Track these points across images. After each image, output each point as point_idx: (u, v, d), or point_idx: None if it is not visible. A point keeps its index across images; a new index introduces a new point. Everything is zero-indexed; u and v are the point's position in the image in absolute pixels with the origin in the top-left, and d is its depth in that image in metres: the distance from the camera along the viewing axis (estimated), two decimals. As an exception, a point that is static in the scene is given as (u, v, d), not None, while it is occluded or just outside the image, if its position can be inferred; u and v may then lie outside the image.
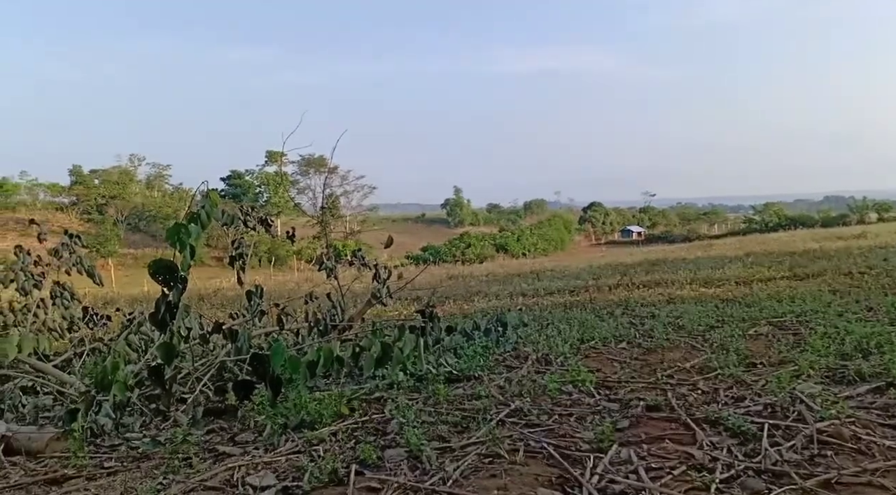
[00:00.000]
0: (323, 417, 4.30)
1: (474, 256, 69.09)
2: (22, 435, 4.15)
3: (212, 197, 5.33)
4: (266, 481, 3.31)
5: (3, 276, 6.70)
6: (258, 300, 7.13)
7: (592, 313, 9.11)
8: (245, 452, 3.87)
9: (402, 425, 4.07)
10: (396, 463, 3.47)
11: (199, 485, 3.30)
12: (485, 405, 4.43)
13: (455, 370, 5.64)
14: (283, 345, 5.02)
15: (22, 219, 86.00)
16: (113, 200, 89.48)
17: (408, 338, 5.50)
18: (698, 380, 5.02)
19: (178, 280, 4.77)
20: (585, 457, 3.42)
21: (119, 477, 3.56)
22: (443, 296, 15.20)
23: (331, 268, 8.41)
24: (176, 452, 3.83)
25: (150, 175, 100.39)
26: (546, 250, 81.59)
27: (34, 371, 5.67)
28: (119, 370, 4.45)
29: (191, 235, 4.90)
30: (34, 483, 3.57)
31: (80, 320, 7.10)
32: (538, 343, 6.75)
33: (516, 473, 3.25)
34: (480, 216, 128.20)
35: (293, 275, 40.63)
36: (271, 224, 7.64)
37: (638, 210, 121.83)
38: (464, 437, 3.84)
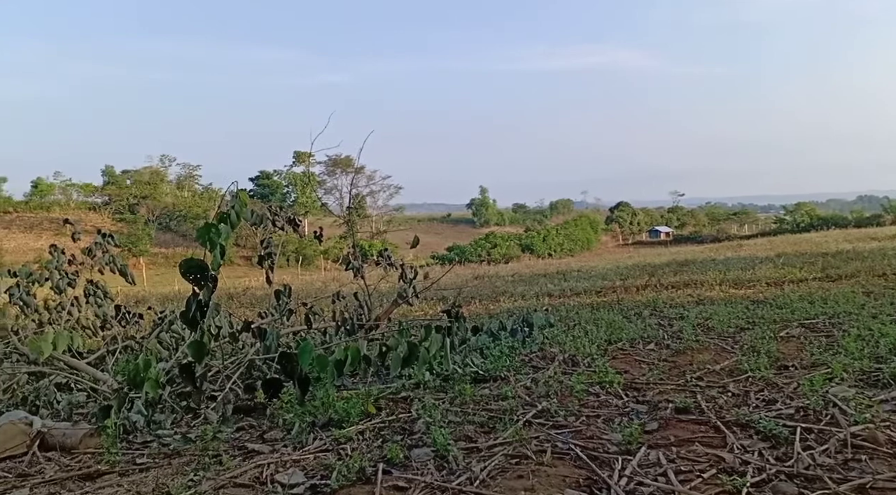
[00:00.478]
0: (350, 416, 4.32)
1: (500, 256, 68.95)
2: (57, 431, 4.24)
3: (241, 197, 5.39)
4: (294, 479, 3.34)
5: (38, 275, 6.84)
6: (286, 299, 7.19)
7: (620, 314, 9.04)
8: (274, 450, 3.91)
9: (428, 425, 4.08)
10: (423, 462, 3.48)
11: (229, 482, 3.34)
12: (511, 405, 4.42)
13: (481, 370, 5.64)
14: (310, 344, 5.06)
15: (56, 219, 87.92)
16: (144, 200, 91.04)
17: (434, 338, 5.50)
18: (728, 383, 4.95)
19: (209, 279, 4.84)
20: (613, 459, 3.39)
21: (151, 473, 3.62)
22: (468, 297, 15.20)
23: (358, 268, 8.46)
24: (206, 449, 3.89)
25: (180, 175, 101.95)
26: (572, 250, 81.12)
27: (68, 368, 5.79)
28: (151, 368, 4.52)
29: (221, 235, 4.96)
30: (69, 478, 3.65)
31: (113, 318, 7.23)
32: (565, 343, 6.72)
33: (543, 474, 3.23)
34: (506, 216, 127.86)
35: (320, 275, 40.94)
36: (299, 224, 7.71)
37: (666, 210, 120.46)
38: (490, 438, 3.84)
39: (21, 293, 6.56)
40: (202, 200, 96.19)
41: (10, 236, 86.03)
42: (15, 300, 6.51)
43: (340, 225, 69.24)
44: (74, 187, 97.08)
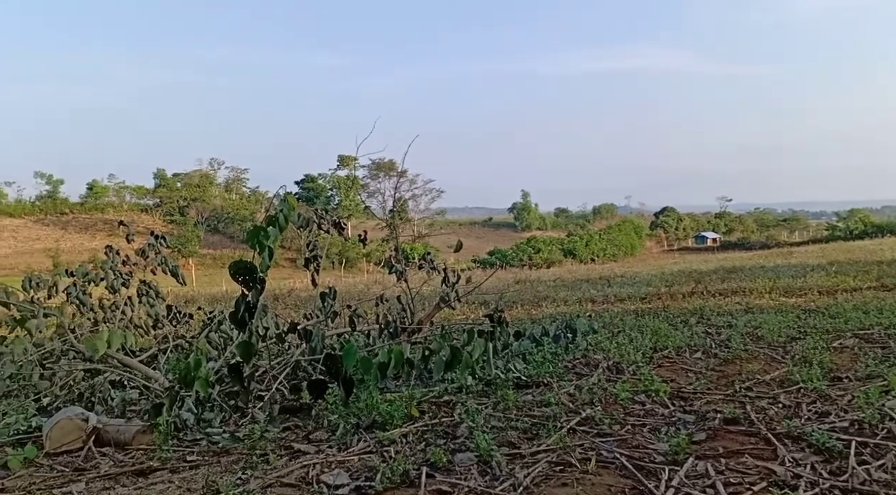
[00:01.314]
0: (393, 418, 4.35)
1: (541, 261, 68.56)
2: (111, 427, 4.37)
3: (289, 200, 5.49)
4: (339, 480, 3.38)
5: (94, 275, 7.08)
6: (331, 301, 7.28)
7: (665, 321, 8.90)
8: (319, 450, 3.96)
9: (471, 429, 4.08)
10: (466, 467, 3.49)
11: (276, 482, 3.40)
12: (554, 412, 4.39)
13: (524, 376, 5.62)
14: (355, 346, 5.12)
15: (110, 220, 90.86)
16: (194, 202, 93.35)
17: (477, 343, 5.50)
18: (779, 394, 4.83)
19: (257, 281, 4.94)
20: (660, 469, 3.34)
21: (201, 470, 3.71)
22: (510, 301, 15.16)
23: (400, 271, 8.51)
24: (254, 448, 3.96)
25: (228, 178, 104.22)
26: (615, 255, 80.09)
27: (122, 366, 5.97)
28: (201, 367, 4.63)
29: (269, 238, 5.06)
30: (122, 473, 3.76)
31: (165, 318, 7.43)
32: (609, 350, 6.64)
33: (588, 483, 3.21)
34: (548, 220, 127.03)
35: (363, 278, 41.32)
36: (344, 227, 7.81)
37: (713, 215, 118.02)
38: (534, 444, 3.83)
39: (78, 292, 6.79)
40: (249, 203, 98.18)
41: (66, 236, 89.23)
42: (72, 299, 6.74)
43: (383, 228, 69.78)
44: (127, 189, 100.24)
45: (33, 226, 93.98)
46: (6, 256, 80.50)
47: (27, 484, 3.65)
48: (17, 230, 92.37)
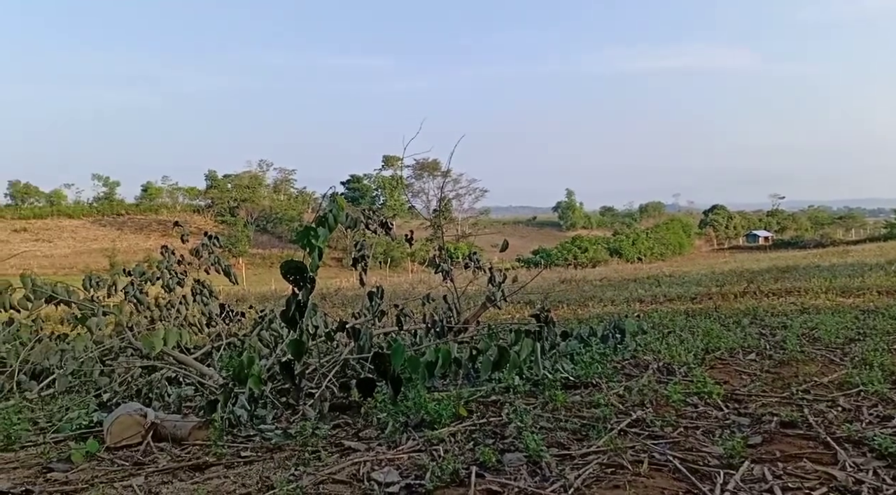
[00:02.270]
0: (442, 417, 4.37)
1: (587, 260, 67.86)
2: (168, 423, 4.50)
3: (338, 201, 5.55)
4: (390, 478, 3.41)
5: (150, 274, 7.31)
6: (379, 300, 7.34)
7: (717, 322, 8.71)
8: (369, 448, 4.00)
9: (520, 429, 4.07)
10: (516, 467, 3.47)
11: (328, 478, 3.45)
12: (604, 413, 4.34)
13: (572, 376, 5.57)
14: (402, 345, 5.15)
15: (164, 220, 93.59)
16: (243, 203, 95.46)
17: (525, 343, 5.48)
18: (838, 397, 4.68)
19: (307, 280, 5.01)
20: (714, 473, 3.28)
21: (255, 466, 3.79)
22: (555, 301, 15.06)
23: (447, 271, 8.54)
24: (306, 445, 4.03)
25: (276, 179, 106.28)
26: (663, 255, 78.74)
27: (177, 363, 6.14)
28: (254, 364, 4.73)
29: (319, 238, 5.13)
30: (180, 468, 3.87)
31: (218, 316, 7.62)
32: (659, 351, 6.53)
33: (641, 485, 3.16)
34: (593, 219, 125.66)
35: (407, 277, 41.62)
36: (391, 226, 7.87)
37: (765, 213, 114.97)
38: (583, 445, 3.79)
39: (135, 291, 7.01)
40: (297, 203, 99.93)
41: (122, 237, 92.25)
42: (130, 298, 6.97)
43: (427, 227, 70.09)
44: (180, 191, 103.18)
45: (91, 227, 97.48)
46: (66, 256, 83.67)
47: (90, 477, 3.78)
48: (76, 231, 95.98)
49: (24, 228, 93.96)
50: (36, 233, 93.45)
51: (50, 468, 3.97)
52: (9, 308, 6.31)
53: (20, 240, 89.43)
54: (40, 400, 5.82)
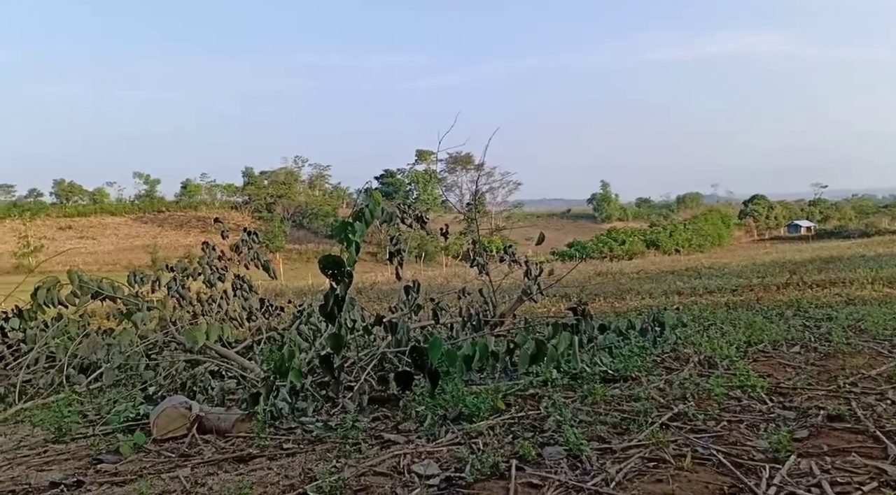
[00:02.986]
0: (480, 411, 4.37)
1: (623, 252, 67.13)
2: (212, 415, 4.59)
3: (374, 196, 5.59)
4: (430, 470, 3.43)
5: (192, 270, 7.45)
6: (415, 294, 7.38)
7: (759, 314, 8.55)
8: (409, 441, 4.03)
9: (559, 423, 4.05)
10: (556, 460, 3.46)
11: (369, 470, 3.48)
12: (645, 407, 4.29)
13: (610, 370, 5.52)
14: (440, 339, 5.17)
15: (203, 217, 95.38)
16: (280, 199, 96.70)
17: (562, 336, 5.45)
18: (887, 389, 4.55)
19: (345, 275, 5.06)
20: (760, 467, 3.22)
21: (297, 458, 3.84)
22: (592, 294, 14.94)
23: (482, 265, 8.53)
24: (346, 437, 4.07)
25: (312, 175, 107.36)
26: (701, 246, 77.38)
27: (219, 357, 6.26)
28: (294, 358, 4.80)
29: (356, 232, 5.18)
30: (224, 460, 3.94)
31: (258, 310, 7.73)
32: (700, 344, 6.43)
33: (684, 479, 3.12)
34: (629, 211, 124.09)
35: (442, 271, 41.68)
36: (427, 221, 7.89)
37: (807, 203, 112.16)
38: (624, 439, 3.75)
39: (177, 287, 7.16)
40: (332, 199, 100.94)
41: (163, 233, 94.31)
42: (173, 293, 7.12)
43: (460, 221, 70.06)
44: (218, 188, 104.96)
45: (133, 224, 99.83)
46: (109, 252, 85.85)
47: (138, 468, 3.88)
48: (119, 228, 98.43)
49: (69, 226, 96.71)
50: (80, 230, 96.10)
51: (99, 459, 4.08)
52: (57, 303, 6.50)
53: (65, 237, 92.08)
54: (89, 394, 5.99)
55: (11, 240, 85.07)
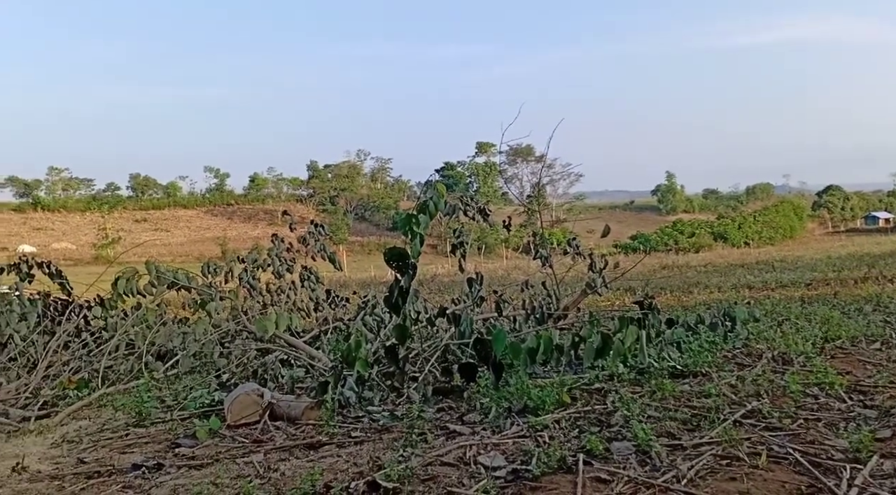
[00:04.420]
0: (545, 404, 4.34)
1: (689, 245, 65.45)
2: (283, 403, 4.72)
3: (438, 188, 5.62)
4: (496, 462, 3.44)
5: (262, 261, 7.67)
6: (478, 287, 7.38)
7: (836, 309, 8.20)
8: (474, 432, 4.05)
9: (627, 418, 3.98)
10: (624, 456, 3.41)
11: (435, 460, 3.52)
12: (716, 403, 4.18)
13: (679, 365, 5.40)
14: (504, 331, 5.16)
15: (269, 210, 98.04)
16: (343, 192, 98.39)
17: (630, 330, 5.35)
18: (979, 391, 4.30)
19: (409, 267, 5.11)
20: (839, 467, 3.09)
21: (365, 446, 3.92)
22: (657, 287, 14.64)
23: (546, 257, 8.47)
24: (412, 427, 4.12)
25: (373, 168, 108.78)
26: (772, 239, 74.74)
27: (288, 346, 6.42)
28: (361, 348, 4.88)
29: (420, 225, 5.22)
30: (295, 446, 4.05)
31: (324, 301, 7.90)
32: (773, 340, 6.22)
33: (759, 478, 3.03)
34: (695, 202, 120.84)
35: (502, 263, 41.64)
36: (489, 213, 7.88)
37: (885, 194, 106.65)
38: (695, 436, 3.67)
39: (248, 277, 7.38)
40: (393, 192, 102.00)
41: (232, 226, 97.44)
42: (243, 283, 7.34)
43: (520, 213, 69.64)
44: (285, 181, 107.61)
45: (204, 217, 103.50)
46: (181, 244, 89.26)
47: (214, 452, 4.03)
48: (191, 220, 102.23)
49: (145, 219, 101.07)
50: (155, 222, 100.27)
51: (177, 443, 4.26)
52: (136, 293, 6.80)
53: (141, 229, 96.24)
54: (166, 380, 6.25)
55: (91, 231, 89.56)
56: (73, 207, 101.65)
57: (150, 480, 3.58)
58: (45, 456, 4.25)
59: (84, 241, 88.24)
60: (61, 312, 7.64)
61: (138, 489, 3.47)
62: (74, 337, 7.13)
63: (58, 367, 6.62)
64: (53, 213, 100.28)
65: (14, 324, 6.90)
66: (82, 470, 3.86)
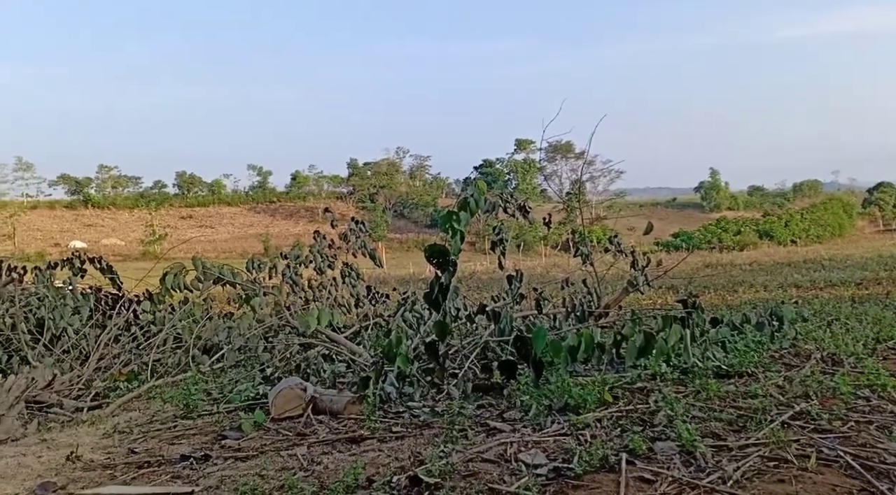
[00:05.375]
0: (587, 402, 4.31)
1: (733, 243, 64.15)
2: (326, 397, 4.79)
3: (478, 185, 5.62)
4: (537, 460, 3.43)
5: (304, 258, 7.78)
6: (518, 284, 7.36)
7: (889, 309, 7.94)
8: (514, 429, 4.04)
9: (670, 418, 3.93)
10: (668, 456, 3.37)
11: (476, 457, 3.53)
12: (763, 404, 4.10)
13: (724, 365, 5.30)
14: (544, 329, 5.14)
15: (310, 207, 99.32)
16: (382, 189, 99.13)
17: (674, 329, 5.27)
18: None
19: (450, 264, 5.12)
20: (893, 471, 3.00)
21: (406, 441, 3.95)
22: (700, 286, 14.38)
23: (587, 255, 8.40)
24: (453, 423, 4.13)
25: (412, 166, 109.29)
26: (820, 237, 72.78)
27: (329, 341, 6.51)
28: (402, 344, 4.92)
29: (461, 222, 5.23)
30: (338, 440, 4.11)
31: (365, 297, 7.98)
32: (822, 340, 6.07)
33: (808, 481, 2.96)
34: (740, 199, 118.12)
35: (540, 261, 41.41)
36: (529, 210, 7.86)
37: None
38: (741, 437, 3.60)
39: (291, 273, 7.50)
40: (431, 189, 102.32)
41: (274, 223, 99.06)
42: (286, 279, 7.46)
43: (559, 211, 69.19)
44: (325, 179, 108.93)
45: (247, 214, 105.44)
46: (226, 241, 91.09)
47: (259, 445, 4.11)
48: (235, 217, 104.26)
49: (190, 216, 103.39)
50: (200, 219, 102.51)
51: (224, 435, 4.36)
52: (183, 288, 6.96)
53: (186, 226, 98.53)
54: (212, 373, 6.39)
55: (139, 228, 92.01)
56: (122, 204, 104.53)
57: (198, 471, 3.67)
58: (98, 445, 4.39)
59: (132, 238, 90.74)
60: (112, 306, 7.89)
61: (187, 479, 3.56)
62: (124, 330, 7.35)
63: (109, 360, 6.83)
64: (103, 210, 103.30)
65: (68, 317, 7.15)
66: (133, 460, 3.98)
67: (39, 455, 4.18)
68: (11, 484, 3.63)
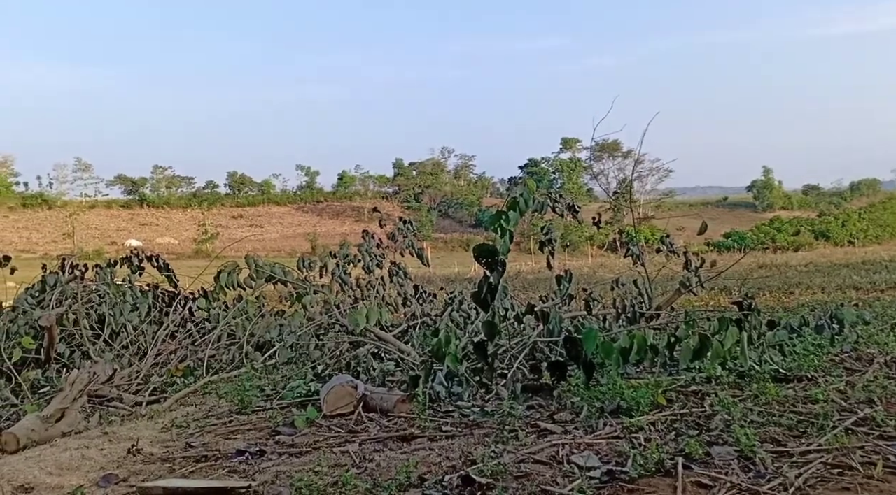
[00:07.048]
0: (640, 405, 4.24)
1: (788, 243, 62.38)
2: (376, 395, 4.83)
3: (528, 185, 5.59)
4: (591, 462, 3.39)
5: (353, 257, 7.87)
6: (567, 284, 7.30)
7: (957, 313, 7.60)
8: (565, 431, 4.00)
9: (727, 422, 3.84)
10: (726, 461, 3.29)
11: (528, 458, 3.51)
12: (824, 409, 3.97)
13: (782, 368, 5.16)
14: (595, 330, 5.07)
15: (357, 207, 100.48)
16: (427, 189, 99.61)
17: (730, 331, 5.15)
18: None
19: (499, 263, 5.10)
20: (967, 484, 2.88)
21: (456, 440, 3.95)
22: (754, 287, 14.02)
23: (638, 255, 8.28)
24: (503, 424, 4.12)
25: (457, 165, 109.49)
26: (879, 238, 70.18)
27: (377, 339, 6.56)
28: (451, 343, 4.92)
29: (510, 221, 5.20)
30: (388, 437, 4.14)
31: (412, 296, 8.02)
32: (886, 344, 5.85)
33: (874, 489, 2.86)
34: (794, 199, 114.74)
35: (587, 261, 40.97)
36: (579, 210, 7.78)
37: None
38: (802, 443, 3.50)
39: (340, 272, 7.59)
40: (476, 189, 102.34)
41: (321, 222, 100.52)
42: (336, 278, 7.56)
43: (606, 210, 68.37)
44: (371, 178, 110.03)
45: (295, 213, 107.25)
46: (274, 240, 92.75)
47: (312, 441, 4.17)
48: (283, 217, 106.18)
49: (241, 215, 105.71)
50: (250, 219, 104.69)
51: (277, 431, 4.44)
52: (236, 286, 7.12)
53: (237, 225, 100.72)
54: (265, 370, 6.52)
55: (192, 227, 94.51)
56: (176, 204, 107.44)
57: (254, 465, 3.74)
58: (156, 439, 4.51)
59: (185, 236, 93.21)
60: (168, 303, 8.11)
61: (243, 473, 3.64)
62: (180, 327, 7.55)
63: (165, 356, 7.03)
64: (157, 210, 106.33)
65: (127, 313, 7.38)
66: (191, 454, 4.08)
67: (101, 447, 4.32)
68: (76, 476, 3.76)
